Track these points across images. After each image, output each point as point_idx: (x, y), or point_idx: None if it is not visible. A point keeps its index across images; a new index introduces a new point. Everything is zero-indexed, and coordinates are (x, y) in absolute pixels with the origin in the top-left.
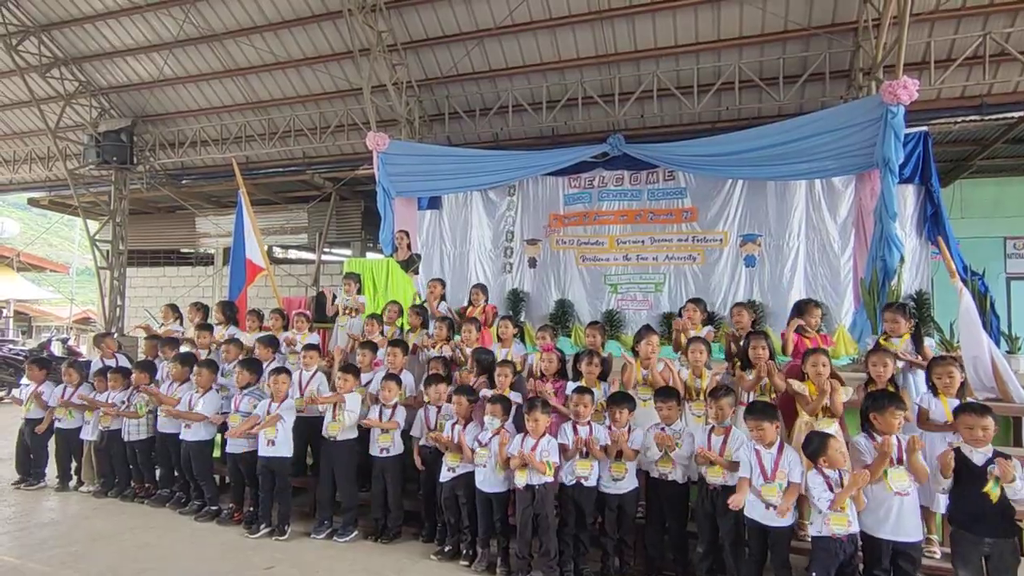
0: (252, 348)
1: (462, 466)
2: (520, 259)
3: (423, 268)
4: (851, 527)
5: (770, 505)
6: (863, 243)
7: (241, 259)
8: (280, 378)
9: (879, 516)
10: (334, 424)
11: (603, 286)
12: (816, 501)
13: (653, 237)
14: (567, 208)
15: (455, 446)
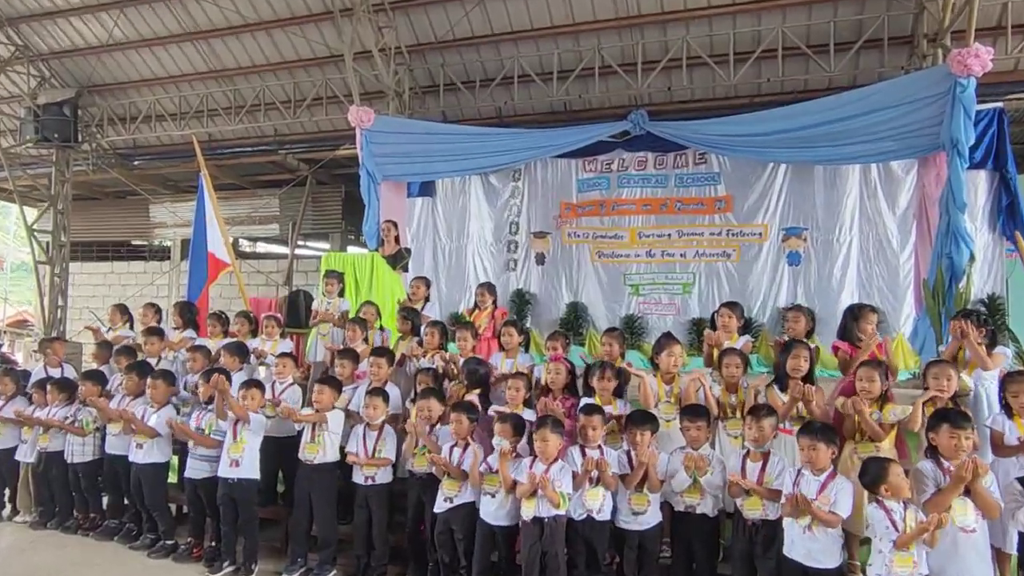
0: (217, 357)
1: (462, 495)
2: (526, 255)
3: (413, 264)
4: (918, 569)
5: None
6: (926, 238)
7: (202, 253)
8: (252, 392)
9: (940, 558)
10: (312, 446)
11: (622, 287)
12: (877, 540)
13: (681, 230)
14: (581, 196)
15: (456, 472)
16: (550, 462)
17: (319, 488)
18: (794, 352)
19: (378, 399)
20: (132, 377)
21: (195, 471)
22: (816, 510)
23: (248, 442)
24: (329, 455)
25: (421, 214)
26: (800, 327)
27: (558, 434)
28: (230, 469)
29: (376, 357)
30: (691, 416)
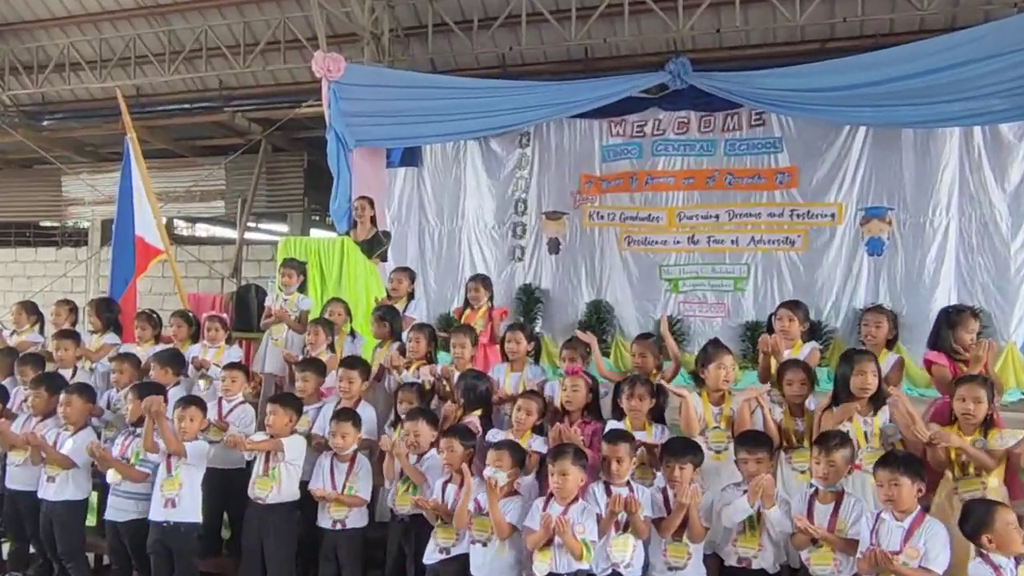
0: (147, 368)
1: (460, 544)
2: (536, 241)
3: (394, 253)
4: None
5: None
6: None
7: (128, 237)
8: (190, 413)
9: None
10: (264, 480)
11: (658, 282)
12: None
13: (732, 210)
14: (606, 166)
15: (449, 514)
16: (568, 502)
17: (274, 534)
18: (859, 366)
19: (347, 424)
20: (40, 392)
21: (119, 512)
22: (900, 568)
23: (186, 476)
24: (286, 492)
25: (404, 189)
26: (881, 334)
27: (580, 467)
28: (164, 510)
29: (346, 369)
30: (750, 446)
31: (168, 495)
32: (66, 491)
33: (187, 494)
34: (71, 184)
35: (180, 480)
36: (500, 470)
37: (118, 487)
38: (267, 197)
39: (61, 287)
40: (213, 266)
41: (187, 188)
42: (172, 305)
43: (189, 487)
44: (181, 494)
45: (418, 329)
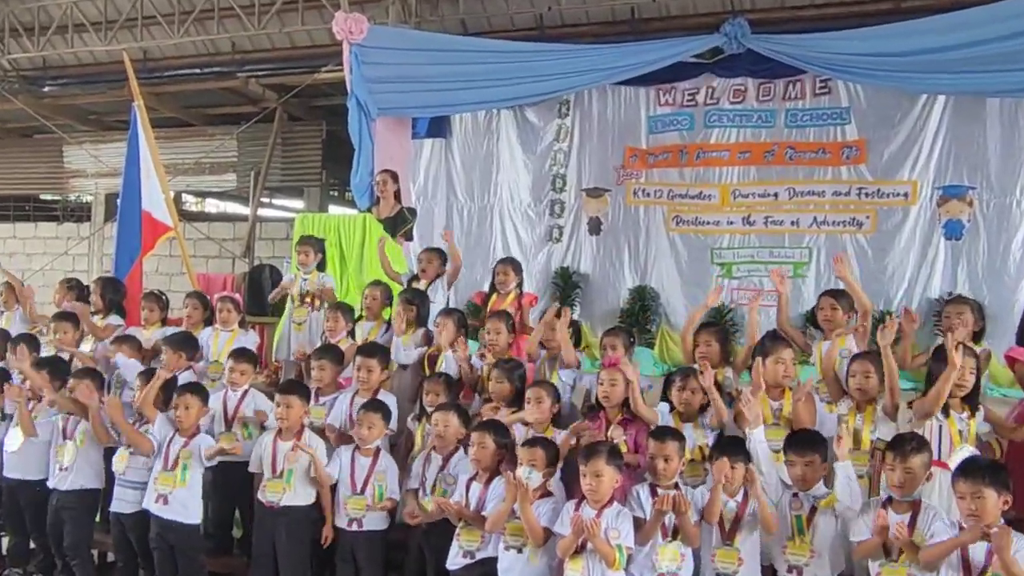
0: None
1: (485, 548)
2: (575, 220)
3: (419, 231)
4: None
5: None
6: None
7: (134, 212)
8: (185, 400)
9: None
10: (276, 483)
11: (709, 266)
12: None
13: (793, 188)
14: (654, 139)
15: (474, 516)
16: (602, 505)
17: (287, 536)
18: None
19: (376, 415)
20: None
21: (124, 503)
22: (900, 534)
23: (189, 475)
24: (300, 494)
25: (431, 162)
26: (966, 327)
27: (615, 467)
28: (159, 507)
29: (365, 357)
30: (799, 447)
31: (161, 490)
32: (81, 478)
33: (184, 493)
34: (73, 155)
35: (177, 478)
36: (535, 469)
37: (123, 476)
38: (282, 170)
39: (62, 265)
40: (224, 244)
41: (196, 160)
42: (179, 286)
43: (191, 484)
44: (176, 492)
45: (445, 315)
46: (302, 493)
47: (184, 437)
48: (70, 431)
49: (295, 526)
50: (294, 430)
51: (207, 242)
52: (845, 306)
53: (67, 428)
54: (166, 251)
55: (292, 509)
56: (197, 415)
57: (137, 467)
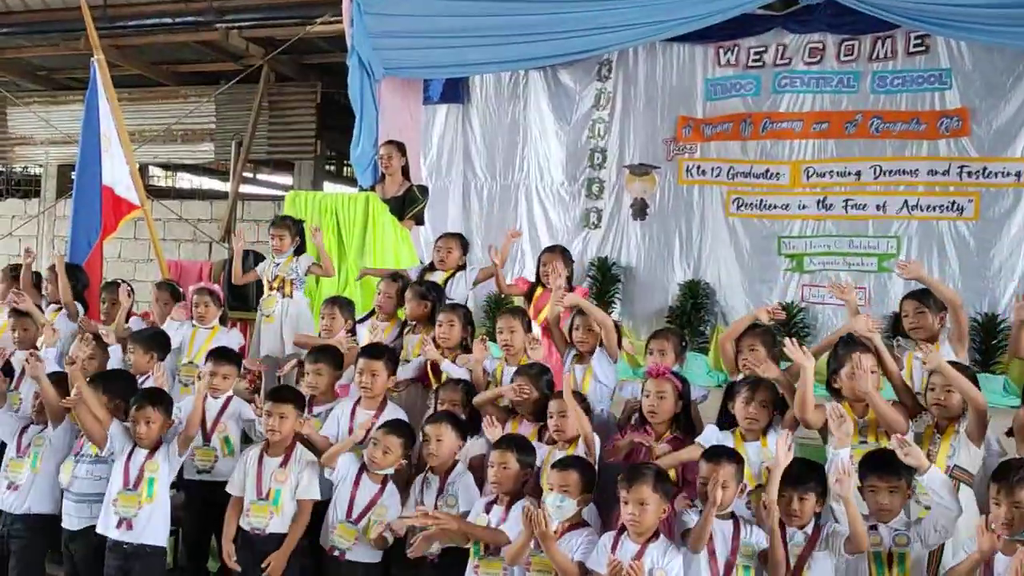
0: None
1: None
2: (617, 203)
3: (431, 214)
4: None
5: None
6: None
7: (93, 187)
8: (147, 413)
9: None
10: (261, 506)
11: (776, 258)
12: None
13: (880, 166)
14: (712, 106)
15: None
16: (646, 538)
17: None
18: None
19: (397, 439)
20: None
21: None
22: None
23: (157, 488)
24: (290, 519)
25: (445, 132)
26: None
27: (662, 495)
28: (119, 530)
29: (368, 360)
30: (883, 472)
31: (123, 513)
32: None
33: (149, 512)
34: (19, 118)
35: (143, 495)
36: (568, 496)
37: (71, 489)
38: (269, 140)
39: (6, 248)
40: (199, 226)
41: (167, 126)
42: (146, 275)
43: (159, 501)
44: (140, 512)
45: (451, 310)
46: (290, 516)
47: (146, 447)
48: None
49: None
50: (284, 444)
51: (179, 223)
52: (935, 308)
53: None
54: (130, 233)
55: (280, 537)
56: (160, 430)
57: (84, 477)
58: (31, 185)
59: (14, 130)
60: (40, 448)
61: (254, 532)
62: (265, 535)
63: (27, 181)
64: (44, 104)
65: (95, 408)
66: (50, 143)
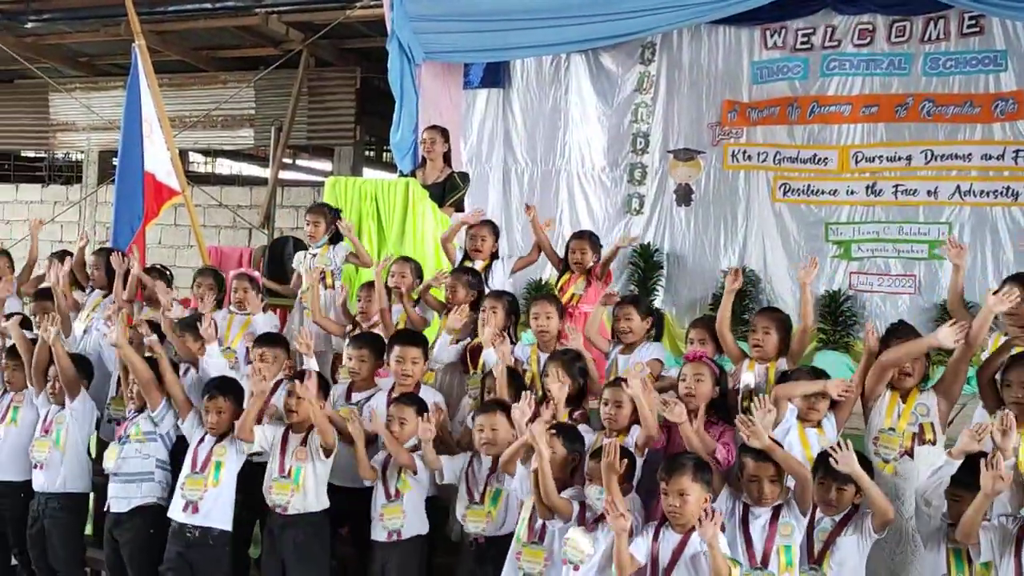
0: None
1: (552, 570)
2: (660, 188)
3: (471, 200)
4: None
5: None
6: None
7: (134, 173)
8: (218, 403)
9: None
10: (283, 484)
11: (822, 244)
12: None
13: (931, 150)
14: (758, 89)
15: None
16: (688, 529)
17: (296, 553)
18: None
19: (409, 409)
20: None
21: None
22: None
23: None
24: (312, 498)
25: (486, 117)
26: None
27: (703, 484)
28: (184, 514)
29: (404, 346)
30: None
31: (190, 496)
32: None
33: (215, 495)
34: (61, 104)
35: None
36: (615, 497)
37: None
38: (308, 125)
39: (48, 235)
40: (239, 212)
41: (207, 112)
42: (186, 261)
43: (226, 484)
44: (207, 495)
45: (495, 298)
46: (314, 497)
47: (215, 434)
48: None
49: (307, 539)
50: (307, 423)
51: (219, 210)
52: None
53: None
54: (170, 220)
55: (303, 518)
56: (229, 420)
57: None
58: (73, 171)
59: (56, 116)
60: (62, 425)
61: (276, 509)
62: (287, 514)
63: (69, 167)
64: (85, 90)
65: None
66: (91, 129)
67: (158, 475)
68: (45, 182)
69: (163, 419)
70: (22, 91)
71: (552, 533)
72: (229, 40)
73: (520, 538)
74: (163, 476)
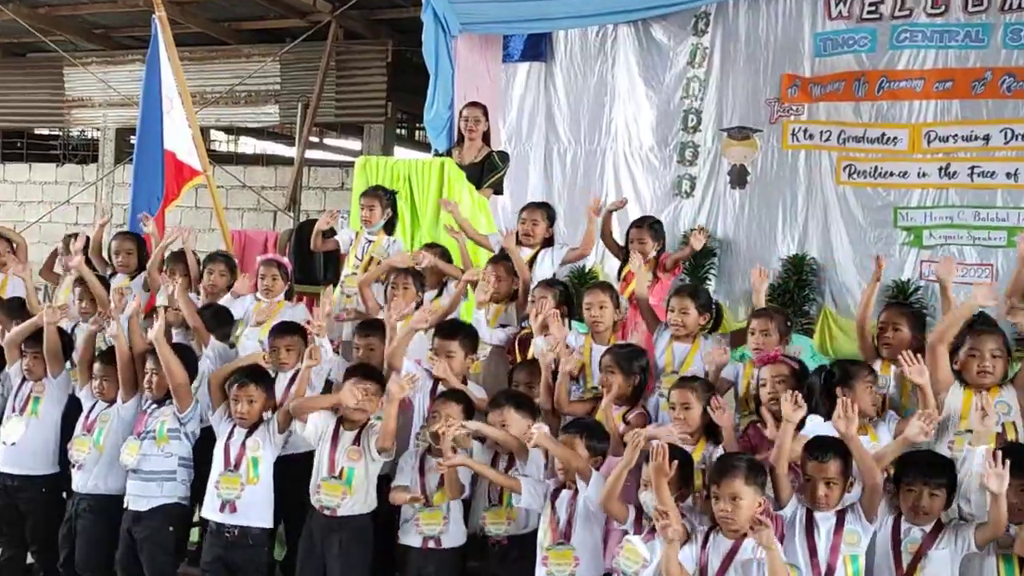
0: None
1: (581, 572)
2: (713, 169)
3: (510, 182)
4: None
5: None
6: None
7: (154, 152)
8: (249, 392)
9: None
10: (334, 485)
11: (891, 230)
12: None
13: (1011, 129)
14: (821, 63)
15: None
16: (741, 536)
17: (343, 558)
18: None
19: (454, 405)
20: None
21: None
22: None
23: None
24: (360, 499)
25: (526, 93)
26: None
27: (757, 488)
28: (222, 515)
29: (443, 339)
30: (1016, 470)
31: (226, 495)
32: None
33: (254, 493)
34: (76, 79)
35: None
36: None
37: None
38: (337, 102)
39: (63, 216)
40: (263, 193)
41: (229, 87)
42: (208, 245)
43: (262, 481)
44: (245, 494)
45: (545, 287)
46: (362, 498)
47: (246, 426)
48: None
49: (355, 543)
50: (361, 421)
51: (242, 191)
52: None
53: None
54: (191, 201)
55: (351, 520)
56: (261, 409)
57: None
58: (88, 150)
59: (71, 92)
60: (106, 425)
61: (324, 511)
62: (337, 517)
63: (84, 146)
64: (102, 64)
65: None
66: (108, 105)
67: (181, 474)
68: (60, 161)
69: (191, 419)
70: (35, 65)
71: (580, 531)
72: (253, 11)
73: (544, 544)
74: (186, 475)
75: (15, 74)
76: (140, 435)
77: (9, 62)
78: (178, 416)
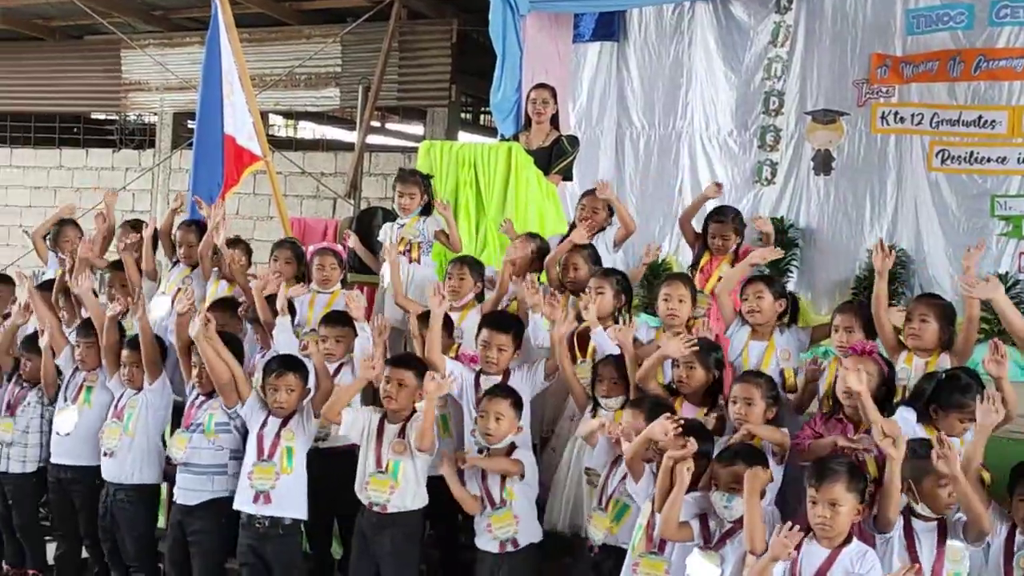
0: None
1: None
2: (796, 155)
3: (580, 168)
4: None
5: None
6: None
7: (214, 137)
8: (288, 380)
9: None
10: (382, 480)
11: (987, 219)
12: None
13: None
14: (913, 42)
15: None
16: (838, 544)
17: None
18: None
19: (505, 402)
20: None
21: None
22: None
23: (295, 459)
24: (410, 495)
25: (597, 75)
26: None
27: (856, 494)
28: (255, 506)
29: (494, 332)
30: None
31: (260, 486)
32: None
33: (288, 483)
34: (133, 62)
35: (282, 465)
36: (736, 494)
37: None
38: (399, 84)
39: (120, 203)
40: (322, 180)
41: (288, 70)
42: (266, 233)
43: (296, 471)
44: (279, 484)
45: (602, 277)
46: (412, 494)
47: (281, 417)
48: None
49: (404, 540)
50: (405, 414)
51: (301, 177)
52: None
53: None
54: (248, 188)
55: (401, 517)
56: (299, 398)
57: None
58: (145, 135)
59: (128, 75)
60: (134, 410)
61: (373, 508)
62: (387, 514)
63: (141, 131)
64: (160, 47)
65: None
66: (166, 89)
67: (231, 467)
68: (116, 146)
69: (239, 415)
70: (92, 48)
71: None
72: None
73: (636, 548)
74: (236, 467)
75: (72, 57)
76: (189, 428)
77: (66, 45)
78: (226, 410)
